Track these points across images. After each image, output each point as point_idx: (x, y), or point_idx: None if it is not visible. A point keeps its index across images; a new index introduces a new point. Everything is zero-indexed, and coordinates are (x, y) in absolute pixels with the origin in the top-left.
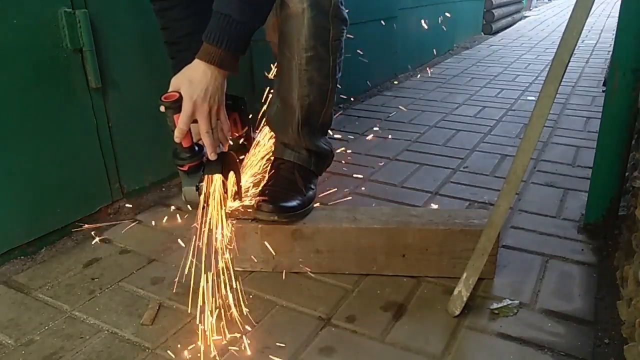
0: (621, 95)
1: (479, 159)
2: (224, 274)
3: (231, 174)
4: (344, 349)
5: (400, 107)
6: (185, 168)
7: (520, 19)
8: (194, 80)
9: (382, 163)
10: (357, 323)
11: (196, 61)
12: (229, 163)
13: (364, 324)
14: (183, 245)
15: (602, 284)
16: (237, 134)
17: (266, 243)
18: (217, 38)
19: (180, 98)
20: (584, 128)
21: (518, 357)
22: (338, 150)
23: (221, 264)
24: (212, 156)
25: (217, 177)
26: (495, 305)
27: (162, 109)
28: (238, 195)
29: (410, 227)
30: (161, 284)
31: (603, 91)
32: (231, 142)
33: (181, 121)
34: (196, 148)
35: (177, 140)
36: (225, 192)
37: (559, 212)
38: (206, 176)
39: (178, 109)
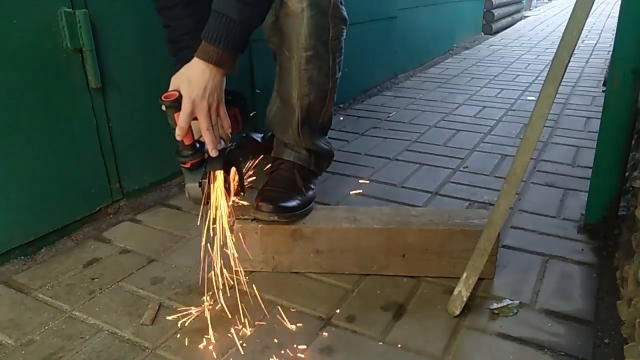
0: (621, 95)
1: (479, 159)
2: (225, 273)
3: (233, 170)
4: (344, 349)
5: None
6: (188, 165)
7: (520, 19)
8: (193, 79)
9: (382, 163)
10: (357, 323)
11: (195, 60)
12: (230, 159)
13: (364, 324)
14: (184, 245)
15: (602, 284)
16: (237, 130)
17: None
18: (215, 37)
19: (180, 97)
20: (584, 128)
21: (518, 357)
22: (338, 151)
23: (222, 264)
24: (213, 153)
25: (220, 173)
26: (495, 305)
27: (163, 108)
28: (240, 190)
29: (410, 227)
30: (161, 284)
31: (603, 91)
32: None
33: (181, 119)
34: (197, 145)
35: (178, 138)
36: (228, 187)
37: (559, 212)
38: (208, 172)
39: (178, 108)
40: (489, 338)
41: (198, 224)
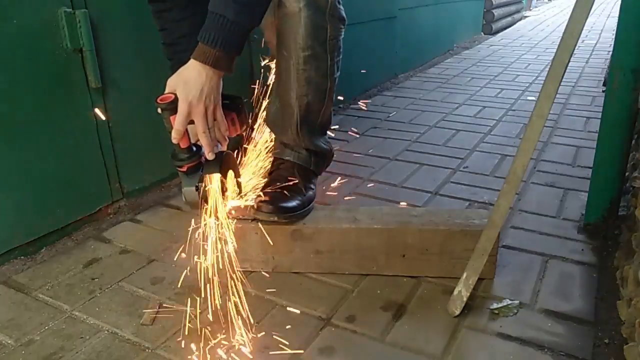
0: (621, 95)
1: (479, 159)
2: (224, 274)
3: (230, 173)
4: (344, 349)
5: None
6: (184, 169)
7: (520, 19)
8: (189, 81)
9: (382, 163)
10: (357, 323)
11: (191, 61)
12: (227, 162)
13: (364, 324)
14: (184, 245)
15: (602, 284)
16: (235, 134)
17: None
18: (212, 38)
19: (176, 99)
20: (584, 128)
21: (518, 357)
22: (338, 151)
23: (221, 264)
24: (209, 156)
25: (217, 177)
26: (495, 305)
27: (159, 111)
28: (238, 193)
29: (410, 227)
30: (161, 284)
31: (603, 91)
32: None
33: (177, 122)
34: (194, 148)
35: (174, 141)
36: (225, 191)
37: (559, 212)
38: (205, 176)
39: (174, 110)
40: (489, 338)
41: (198, 225)
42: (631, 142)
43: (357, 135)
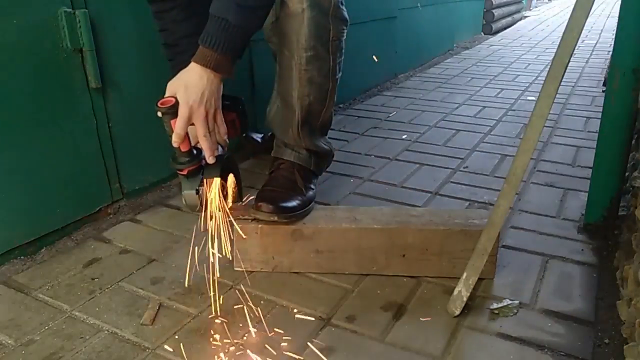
0: (621, 95)
1: (479, 159)
2: (224, 275)
3: (230, 176)
4: (344, 349)
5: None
6: (185, 172)
7: (520, 19)
8: (190, 85)
9: (382, 163)
10: (357, 323)
11: (192, 64)
12: (228, 165)
13: (364, 324)
14: (184, 245)
15: (602, 284)
16: (236, 135)
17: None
18: (213, 41)
19: (177, 103)
20: (584, 128)
21: (518, 357)
22: (338, 151)
23: (221, 265)
24: (210, 159)
25: (217, 180)
26: (495, 305)
27: (159, 114)
28: (238, 196)
29: (410, 227)
30: (161, 284)
31: (603, 91)
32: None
33: (178, 126)
34: (194, 152)
35: (175, 145)
36: (225, 194)
37: (559, 212)
38: (205, 179)
39: (175, 114)
40: (489, 338)
41: (198, 226)
42: (631, 142)
43: (357, 135)
